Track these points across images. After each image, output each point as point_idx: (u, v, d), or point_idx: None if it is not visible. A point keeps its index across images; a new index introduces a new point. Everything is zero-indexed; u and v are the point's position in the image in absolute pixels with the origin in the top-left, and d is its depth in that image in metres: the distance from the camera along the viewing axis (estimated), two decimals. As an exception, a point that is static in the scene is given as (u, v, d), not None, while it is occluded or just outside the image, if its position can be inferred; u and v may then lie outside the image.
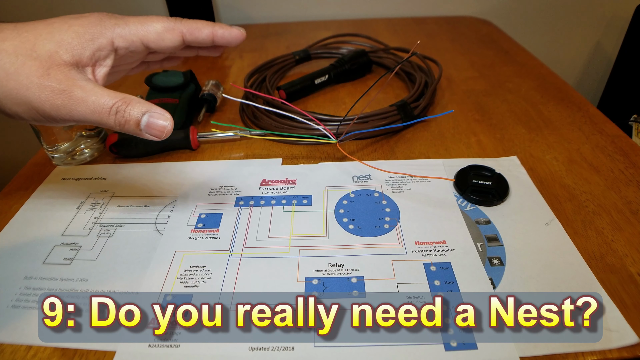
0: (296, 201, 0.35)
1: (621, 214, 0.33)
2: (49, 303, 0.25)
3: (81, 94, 0.22)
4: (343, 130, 0.41)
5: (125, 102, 0.23)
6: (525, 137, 0.43)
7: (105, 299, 0.25)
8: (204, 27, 0.26)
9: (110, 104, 0.22)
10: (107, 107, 0.22)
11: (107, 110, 0.22)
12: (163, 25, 0.25)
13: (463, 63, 0.60)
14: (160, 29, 0.25)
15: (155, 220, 0.34)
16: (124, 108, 0.22)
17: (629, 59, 0.79)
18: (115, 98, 0.22)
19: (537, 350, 0.24)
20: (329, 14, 0.84)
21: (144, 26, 0.25)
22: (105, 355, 0.25)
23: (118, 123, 0.23)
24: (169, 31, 0.25)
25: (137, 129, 0.23)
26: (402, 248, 0.30)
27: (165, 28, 0.25)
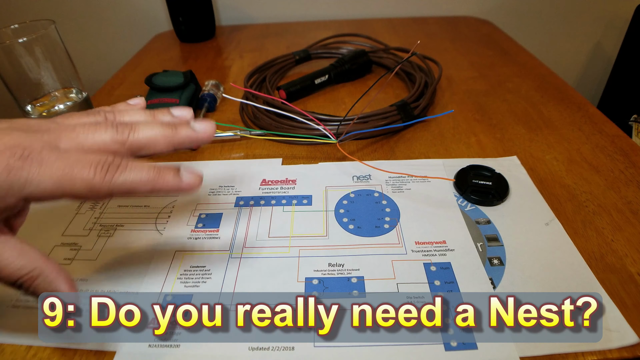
0: (296, 201, 0.35)
1: (621, 214, 0.33)
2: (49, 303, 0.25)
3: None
4: (343, 130, 0.41)
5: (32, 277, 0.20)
6: (525, 137, 0.43)
7: (105, 299, 0.25)
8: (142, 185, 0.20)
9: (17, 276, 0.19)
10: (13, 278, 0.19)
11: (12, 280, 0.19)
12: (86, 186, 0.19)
13: (463, 63, 0.60)
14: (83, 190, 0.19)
15: (155, 220, 0.34)
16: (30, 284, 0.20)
17: (629, 59, 0.79)
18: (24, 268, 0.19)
19: (537, 350, 0.24)
20: (329, 14, 0.84)
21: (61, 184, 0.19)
22: (105, 355, 0.25)
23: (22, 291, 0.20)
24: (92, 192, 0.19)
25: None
26: (402, 248, 0.30)
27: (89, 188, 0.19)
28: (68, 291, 0.21)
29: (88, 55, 0.88)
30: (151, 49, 0.74)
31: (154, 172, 0.20)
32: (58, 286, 0.21)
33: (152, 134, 0.22)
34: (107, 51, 0.88)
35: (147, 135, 0.21)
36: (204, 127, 0.23)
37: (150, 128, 0.22)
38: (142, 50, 0.74)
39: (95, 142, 0.21)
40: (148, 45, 0.76)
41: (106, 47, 0.88)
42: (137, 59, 0.70)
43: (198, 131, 0.23)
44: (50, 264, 0.20)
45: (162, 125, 0.22)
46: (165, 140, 0.22)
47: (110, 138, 0.21)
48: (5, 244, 0.19)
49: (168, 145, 0.22)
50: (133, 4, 0.82)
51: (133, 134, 0.21)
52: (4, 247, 0.19)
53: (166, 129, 0.22)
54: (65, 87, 0.40)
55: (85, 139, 0.20)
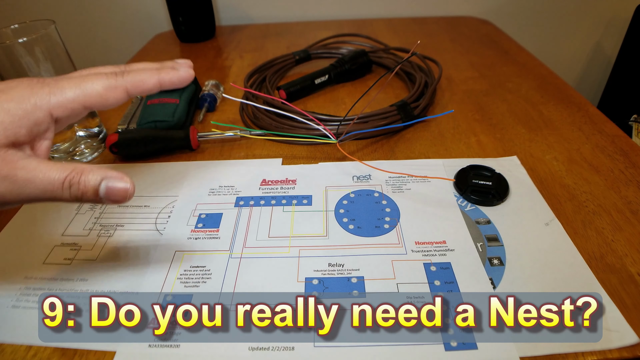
0: (296, 201, 0.35)
1: (621, 214, 0.33)
2: (49, 303, 0.25)
3: (25, 175, 0.20)
4: (343, 130, 0.41)
5: (77, 173, 0.21)
6: (525, 137, 0.43)
7: (105, 299, 0.25)
8: (149, 79, 0.24)
9: (62, 178, 0.20)
10: (59, 182, 0.20)
11: (59, 185, 0.20)
12: (104, 85, 0.22)
13: (463, 63, 0.60)
14: (101, 89, 0.22)
15: (155, 220, 0.34)
16: (78, 179, 0.21)
17: (629, 59, 0.79)
18: (65, 171, 0.21)
19: (537, 350, 0.24)
20: (329, 14, 0.84)
21: (82, 90, 0.22)
22: (105, 355, 0.25)
23: (74, 196, 0.21)
24: (111, 90, 0.23)
25: (97, 198, 0.21)
26: (402, 248, 0.30)
27: (107, 87, 0.23)
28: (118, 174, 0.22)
29: (88, 55, 0.88)
30: (151, 49, 0.74)
31: (155, 68, 0.24)
32: (107, 172, 0.21)
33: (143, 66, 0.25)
34: (107, 51, 0.88)
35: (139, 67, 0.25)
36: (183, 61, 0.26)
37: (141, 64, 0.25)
38: (142, 50, 0.74)
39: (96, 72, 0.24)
40: (148, 45, 0.76)
41: (106, 47, 0.88)
42: (137, 59, 0.70)
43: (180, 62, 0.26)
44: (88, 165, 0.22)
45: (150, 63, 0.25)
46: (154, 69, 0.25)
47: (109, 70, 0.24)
48: (39, 160, 0.21)
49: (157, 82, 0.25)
50: (133, 4, 0.82)
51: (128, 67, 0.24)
52: (39, 162, 0.21)
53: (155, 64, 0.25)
54: (65, 87, 0.40)
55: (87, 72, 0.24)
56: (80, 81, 0.22)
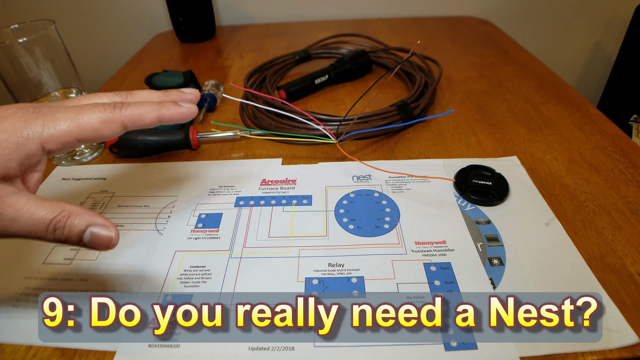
0: (296, 201, 0.35)
1: (621, 214, 0.33)
2: (49, 303, 0.25)
3: (12, 214, 0.19)
4: (343, 130, 0.41)
5: (64, 216, 0.20)
6: (525, 137, 0.43)
7: (105, 299, 0.25)
8: (148, 114, 0.23)
9: (48, 220, 0.20)
10: (45, 225, 0.20)
11: (44, 228, 0.20)
12: (100, 118, 0.21)
13: (463, 63, 0.60)
14: (97, 123, 0.21)
15: (155, 220, 0.34)
16: (64, 223, 0.20)
17: (629, 59, 0.79)
18: (53, 212, 0.20)
19: (537, 350, 0.24)
20: (329, 14, 0.84)
21: (77, 123, 0.21)
22: (105, 355, 0.25)
23: (58, 239, 0.20)
24: (106, 124, 0.22)
25: (80, 243, 0.21)
26: (402, 248, 0.30)
27: (103, 121, 0.22)
28: (104, 222, 0.21)
29: (88, 55, 0.88)
30: (151, 49, 0.74)
31: (156, 103, 0.23)
32: (93, 219, 0.21)
33: (147, 95, 0.25)
34: (107, 51, 0.88)
35: (143, 96, 0.24)
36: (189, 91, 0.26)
37: (145, 92, 0.25)
38: (142, 50, 0.74)
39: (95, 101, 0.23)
40: (148, 45, 0.76)
41: (106, 47, 0.88)
42: (137, 59, 0.70)
43: (186, 92, 0.26)
44: (77, 206, 0.21)
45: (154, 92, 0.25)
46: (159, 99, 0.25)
47: (110, 99, 0.24)
48: (28, 197, 0.20)
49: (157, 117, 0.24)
50: (133, 4, 0.82)
51: (131, 96, 0.24)
52: (27, 199, 0.20)
53: (159, 93, 0.25)
54: (65, 87, 0.40)
55: (87, 101, 0.23)
56: (76, 113, 0.21)
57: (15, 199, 0.20)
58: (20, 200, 0.20)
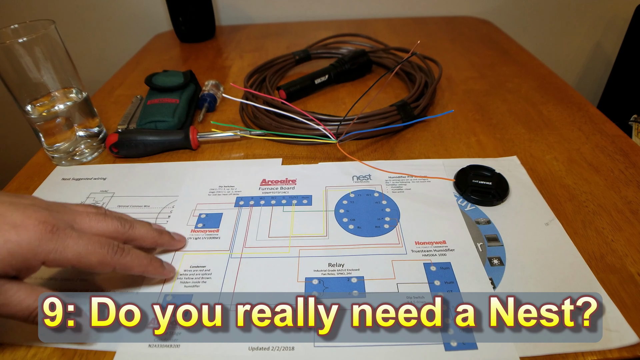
0: (296, 201, 0.35)
1: (621, 214, 0.33)
2: (49, 303, 0.25)
3: (2, 300, 0.22)
4: (343, 130, 0.41)
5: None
6: (525, 137, 0.43)
7: (105, 299, 0.25)
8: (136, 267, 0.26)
9: (30, 310, 0.23)
10: (27, 313, 0.23)
11: (26, 315, 0.23)
12: (99, 260, 0.24)
13: (463, 63, 0.60)
14: (96, 263, 0.24)
15: (155, 220, 0.34)
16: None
17: (629, 59, 0.79)
18: (36, 302, 0.23)
19: (537, 350, 0.24)
20: (329, 14, 0.84)
21: (80, 259, 0.24)
22: (105, 355, 0.25)
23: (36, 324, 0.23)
24: (102, 265, 0.25)
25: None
26: (402, 248, 0.30)
27: (100, 263, 0.24)
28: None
29: (88, 55, 0.88)
30: (151, 49, 0.74)
31: (147, 260, 0.27)
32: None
33: (145, 233, 0.28)
34: (107, 51, 0.88)
35: (141, 233, 0.28)
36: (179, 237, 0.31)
37: (144, 228, 0.29)
38: (142, 50, 0.74)
39: (104, 228, 0.26)
40: (148, 45, 0.76)
41: (106, 47, 0.88)
42: (137, 59, 0.70)
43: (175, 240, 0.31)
44: (60, 298, 0.24)
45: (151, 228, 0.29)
46: (152, 240, 0.29)
47: (114, 228, 0.27)
48: (18, 286, 0.23)
49: (153, 244, 0.29)
50: (133, 4, 0.82)
51: (132, 229, 0.28)
52: (18, 288, 0.23)
53: (154, 232, 0.29)
54: (65, 87, 0.40)
55: (96, 224, 0.26)
56: (83, 248, 0.24)
57: (7, 288, 0.22)
58: (11, 289, 0.23)
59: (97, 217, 0.27)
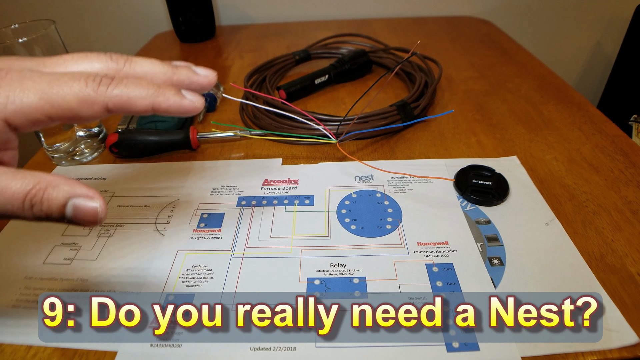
0: (298, 201, 0.35)
1: (621, 214, 0.33)
2: (49, 303, 0.25)
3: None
4: (343, 130, 0.41)
5: (41, 188, 0.17)
6: (525, 137, 0.43)
7: (105, 299, 0.25)
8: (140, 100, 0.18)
9: (22, 194, 0.16)
10: (19, 200, 0.16)
11: (19, 204, 0.17)
12: (78, 96, 0.17)
13: (463, 63, 0.60)
14: (74, 102, 0.17)
15: (155, 220, 0.34)
16: (41, 196, 0.17)
17: (629, 59, 0.79)
18: (26, 184, 0.17)
19: (537, 350, 0.24)
20: (329, 14, 0.84)
21: (48, 99, 0.17)
22: (106, 355, 0.25)
23: (38, 218, 0.17)
24: (86, 105, 0.18)
25: (63, 220, 0.17)
26: (404, 249, 0.30)
27: (81, 100, 0.17)
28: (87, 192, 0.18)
29: (88, 55, 0.87)
30: (151, 49, 0.74)
31: (154, 88, 0.19)
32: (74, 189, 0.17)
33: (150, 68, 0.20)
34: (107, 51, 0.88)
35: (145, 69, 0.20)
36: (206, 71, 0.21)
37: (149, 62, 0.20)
38: (142, 50, 0.74)
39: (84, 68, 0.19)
40: (148, 45, 0.76)
41: (106, 47, 0.88)
42: (137, 58, 0.70)
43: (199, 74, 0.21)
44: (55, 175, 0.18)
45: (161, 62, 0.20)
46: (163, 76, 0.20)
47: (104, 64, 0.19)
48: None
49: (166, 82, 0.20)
50: (133, 4, 0.82)
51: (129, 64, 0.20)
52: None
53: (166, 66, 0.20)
54: (66, 87, 0.40)
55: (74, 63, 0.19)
56: (49, 84, 0.17)
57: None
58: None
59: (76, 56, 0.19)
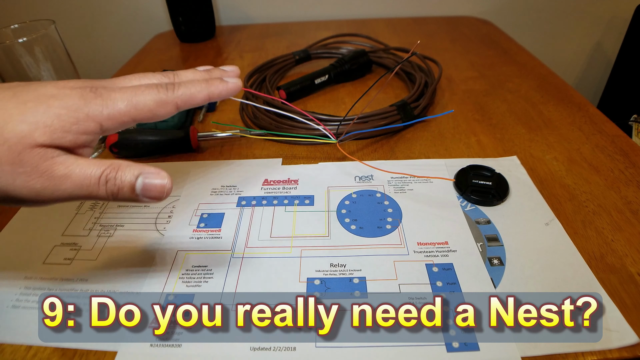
0: (298, 201, 0.35)
1: (621, 214, 0.33)
2: (49, 303, 0.25)
3: (63, 171, 0.20)
4: (343, 130, 0.41)
5: (114, 169, 0.21)
6: (525, 137, 0.43)
7: (105, 299, 0.25)
8: (198, 93, 0.24)
9: (99, 174, 0.20)
10: (96, 178, 0.20)
11: (95, 181, 0.20)
12: (155, 100, 0.22)
13: (463, 63, 0.60)
14: (153, 104, 0.22)
15: (155, 220, 0.34)
16: (115, 175, 0.21)
17: (629, 59, 0.79)
18: (102, 166, 0.21)
19: (537, 350, 0.24)
20: (329, 14, 0.84)
21: (134, 104, 0.22)
22: (106, 355, 0.25)
23: (110, 193, 0.21)
24: (162, 105, 0.23)
25: (133, 195, 0.21)
26: (404, 249, 0.30)
27: (158, 102, 0.23)
28: (155, 170, 0.21)
29: (88, 55, 0.87)
30: (151, 49, 0.74)
31: (204, 82, 0.24)
32: (143, 168, 0.21)
33: (192, 76, 0.25)
34: (107, 51, 0.88)
35: (188, 77, 0.25)
36: (231, 67, 0.28)
37: (189, 72, 0.26)
38: (142, 50, 0.74)
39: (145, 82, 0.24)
40: (148, 45, 0.76)
41: (106, 47, 0.88)
42: (137, 59, 0.70)
43: (227, 71, 0.27)
44: (125, 160, 0.22)
45: (197, 71, 0.26)
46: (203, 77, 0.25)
47: (158, 79, 0.24)
48: (77, 157, 0.21)
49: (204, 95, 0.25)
50: (133, 4, 0.82)
51: (177, 77, 0.25)
52: (77, 158, 0.21)
53: (203, 73, 0.26)
54: (66, 87, 0.40)
55: (138, 81, 0.24)
56: (132, 94, 0.22)
57: (65, 158, 0.20)
58: (70, 158, 0.20)
59: (135, 76, 0.24)
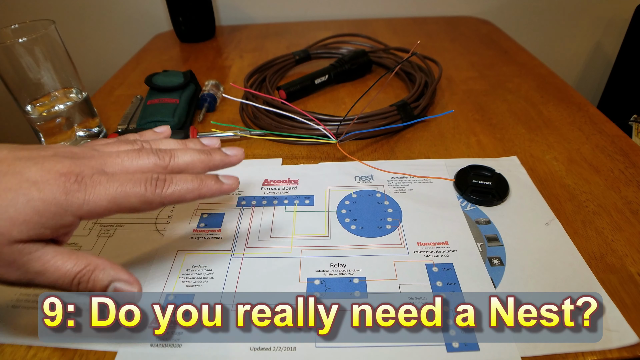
0: (298, 201, 0.35)
1: (621, 214, 0.33)
2: (49, 303, 0.25)
3: (39, 267, 0.20)
4: (343, 130, 0.41)
5: (89, 270, 0.21)
6: (525, 137, 0.43)
7: (105, 299, 0.25)
8: (188, 194, 0.22)
9: (72, 275, 0.20)
10: (69, 278, 0.20)
11: (68, 281, 0.20)
12: (140, 199, 0.21)
13: (463, 63, 0.60)
14: (137, 203, 0.21)
15: (155, 220, 0.34)
16: (88, 278, 0.21)
17: (629, 59, 0.79)
18: (79, 265, 0.20)
19: (537, 350, 0.24)
20: (329, 14, 0.84)
21: (118, 204, 0.21)
22: (106, 355, 0.25)
23: (82, 290, 0.21)
24: (146, 204, 0.22)
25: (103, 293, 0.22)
26: (404, 249, 0.30)
27: (143, 202, 0.21)
28: (128, 278, 0.21)
29: (88, 55, 0.87)
30: (151, 49, 0.74)
31: (198, 181, 0.23)
32: (118, 274, 0.21)
33: (190, 159, 0.24)
34: (107, 51, 0.88)
35: (186, 161, 0.24)
36: (235, 151, 0.26)
37: (187, 154, 0.24)
38: (142, 50, 0.74)
39: (140, 166, 0.23)
40: (148, 45, 0.76)
41: (106, 47, 0.88)
42: (137, 59, 0.70)
43: (230, 155, 0.26)
44: (103, 259, 0.21)
45: (196, 151, 0.25)
46: (202, 164, 0.24)
47: (153, 163, 0.23)
48: (55, 250, 0.21)
49: (204, 168, 0.24)
50: (133, 4, 0.82)
51: (173, 160, 0.24)
52: (55, 253, 0.20)
53: (202, 154, 0.24)
54: (65, 87, 0.40)
55: (130, 164, 0.23)
56: (119, 187, 0.21)
57: (42, 253, 0.20)
58: (48, 253, 0.20)
59: (130, 155, 0.23)
